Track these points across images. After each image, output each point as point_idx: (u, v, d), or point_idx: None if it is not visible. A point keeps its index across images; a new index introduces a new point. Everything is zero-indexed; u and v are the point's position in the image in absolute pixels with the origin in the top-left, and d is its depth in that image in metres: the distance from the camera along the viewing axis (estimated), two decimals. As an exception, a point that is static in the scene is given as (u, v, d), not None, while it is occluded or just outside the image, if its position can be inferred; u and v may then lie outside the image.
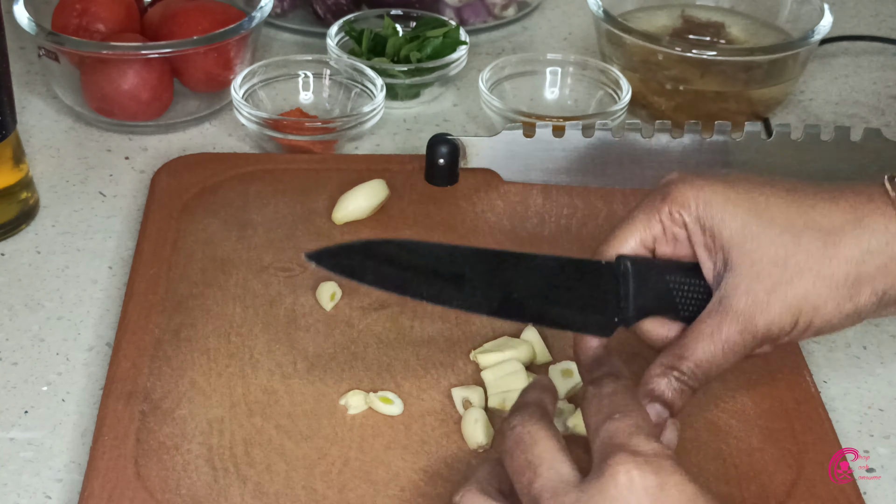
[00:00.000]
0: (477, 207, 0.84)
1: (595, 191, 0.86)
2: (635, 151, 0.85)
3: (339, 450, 0.64)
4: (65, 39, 0.89)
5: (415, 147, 0.93)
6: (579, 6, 1.14)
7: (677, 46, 0.93)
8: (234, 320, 0.73)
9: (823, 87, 1.04)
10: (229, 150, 0.92)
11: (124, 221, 0.84)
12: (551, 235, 0.81)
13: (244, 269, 0.77)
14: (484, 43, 1.08)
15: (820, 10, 0.96)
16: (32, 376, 0.71)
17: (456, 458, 0.64)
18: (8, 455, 0.66)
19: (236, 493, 0.62)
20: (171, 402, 0.67)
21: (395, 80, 0.95)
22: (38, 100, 0.97)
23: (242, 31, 0.92)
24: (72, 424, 0.68)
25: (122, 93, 0.90)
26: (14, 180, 0.81)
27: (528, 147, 0.84)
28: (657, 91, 0.95)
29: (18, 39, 1.02)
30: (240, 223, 0.81)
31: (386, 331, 0.72)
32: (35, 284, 0.78)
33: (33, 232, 0.83)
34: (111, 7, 0.93)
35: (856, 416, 0.70)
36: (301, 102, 0.95)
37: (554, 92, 0.97)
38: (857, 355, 0.75)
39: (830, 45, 1.09)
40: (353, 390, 0.67)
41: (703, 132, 0.84)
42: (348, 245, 0.61)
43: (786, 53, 0.94)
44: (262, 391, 0.68)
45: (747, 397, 0.68)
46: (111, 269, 0.79)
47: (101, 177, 0.88)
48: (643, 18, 1.01)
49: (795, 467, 0.64)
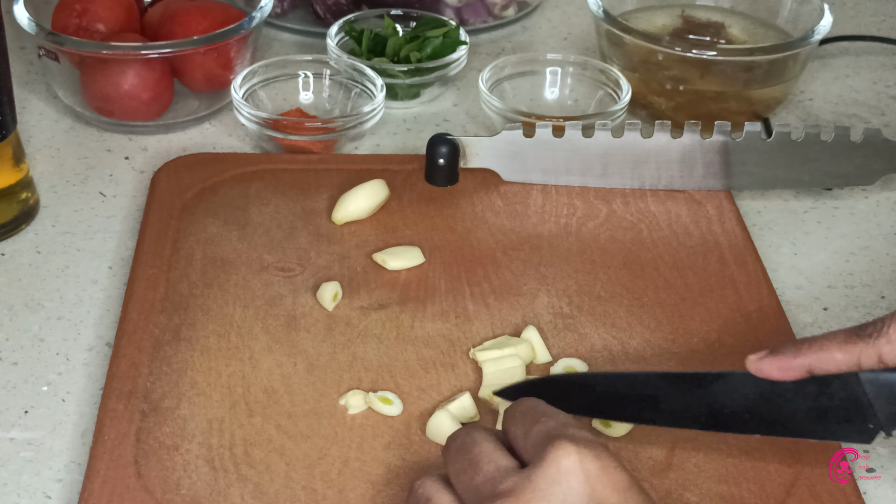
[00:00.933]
0: (477, 207, 0.84)
1: (595, 191, 0.86)
2: (635, 151, 0.85)
3: (339, 450, 0.64)
4: (65, 39, 0.89)
5: (415, 147, 0.93)
6: (579, 6, 1.14)
7: (677, 46, 0.93)
8: (234, 320, 0.73)
9: (823, 87, 1.04)
10: (229, 150, 0.92)
11: (124, 221, 0.84)
12: (551, 235, 0.81)
13: (244, 269, 0.77)
14: (484, 43, 1.08)
15: (820, 10, 0.96)
16: (32, 376, 0.71)
17: (456, 458, 0.64)
18: (8, 455, 0.66)
19: (236, 493, 0.62)
20: (171, 402, 0.67)
21: (395, 80, 0.95)
22: (38, 100, 0.97)
23: (242, 31, 0.92)
24: (72, 424, 0.68)
25: (122, 93, 0.90)
26: (14, 180, 0.81)
27: (528, 147, 0.84)
28: (657, 91, 0.95)
29: (18, 39, 1.02)
30: (240, 223, 0.81)
31: (386, 331, 0.72)
32: (35, 284, 0.78)
33: (33, 232, 0.83)
34: (111, 7, 0.93)
35: (856, 416, 0.70)
36: (301, 102, 0.95)
37: (554, 92, 0.97)
38: (857, 355, 0.75)
39: (830, 45, 1.09)
40: (353, 390, 0.67)
41: (703, 132, 0.84)
42: (534, 381, 0.65)
43: (786, 53, 0.94)
44: (262, 391, 0.68)
45: (747, 397, 0.68)
46: (111, 269, 0.79)
47: (101, 177, 0.88)
48: (643, 18, 1.01)
49: (795, 467, 0.64)
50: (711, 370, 0.66)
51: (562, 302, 0.75)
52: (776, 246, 0.84)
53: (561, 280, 0.77)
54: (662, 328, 0.73)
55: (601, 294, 0.76)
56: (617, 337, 0.73)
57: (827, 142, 0.84)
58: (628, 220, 0.83)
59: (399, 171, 0.86)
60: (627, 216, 0.83)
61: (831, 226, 0.86)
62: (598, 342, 0.72)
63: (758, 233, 0.85)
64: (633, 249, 0.80)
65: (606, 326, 0.73)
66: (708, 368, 0.70)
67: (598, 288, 0.77)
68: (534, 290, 0.76)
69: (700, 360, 0.71)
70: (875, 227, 0.86)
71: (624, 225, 0.82)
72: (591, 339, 0.72)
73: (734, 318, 0.74)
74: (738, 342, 0.72)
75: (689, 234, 0.82)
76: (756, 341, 0.72)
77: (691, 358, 0.71)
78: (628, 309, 0.75)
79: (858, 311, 0.78)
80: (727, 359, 0.71)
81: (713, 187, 0.86)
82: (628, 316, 0.74)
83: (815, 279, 0.81)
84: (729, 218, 0.83)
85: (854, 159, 0.85)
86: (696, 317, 0.74)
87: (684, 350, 0.72)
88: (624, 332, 0.73)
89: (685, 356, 0.71)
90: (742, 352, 0.71)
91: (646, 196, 0.85)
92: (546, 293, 0.76)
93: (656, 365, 0.70)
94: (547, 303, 0.75)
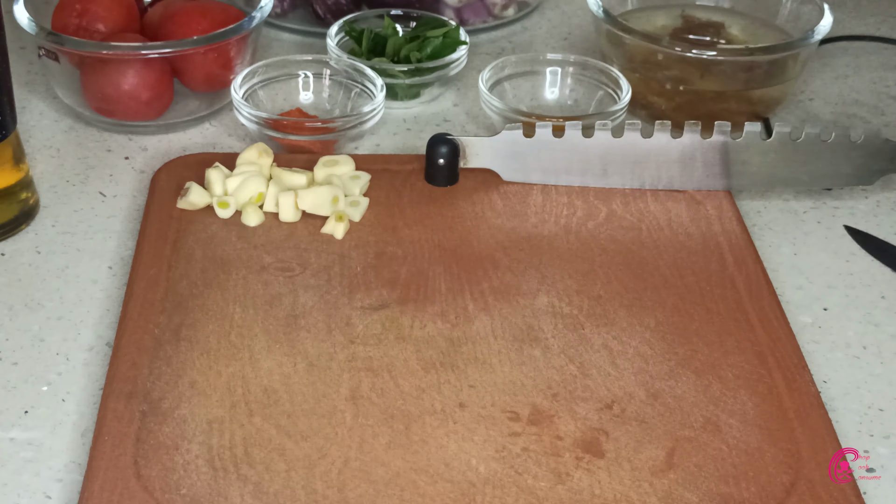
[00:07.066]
0: (477, 207, 0.84)
1: (595, 191, 0.86)
2: (635, 151, 0.85)
3: (339, 450, 0.64)
4: (65, 39, 0.89)
5: (415, 147, 0.93)
6: (579, 6, 1.14)
7: (677, 46, 0.93)
8: (234, 320, 0.73)
9: (823, 87, 1.04)
10: (229, 150, 0.92)
11: (124, 221, 0.84)
12: (551, 235, 0.81)
13: (244, 269, 0.77)
14: (484, 43, 1.08)
15: (820, 10, 0.96)
16: (32, 376, 0.71)
17: (456, 458, 0.64)
18: (8, 455, 0.66)
19: (236, 493, 0.62)
20: (171, 402, 0.67)
21: (396, 80, 0.95)
22: (38, 100, 0.97)
23: (242, 31, 0.92)
24: (72, 424, 0.68)
25: (122, 93, 0.90)
26: (14, 180, 0.81)
27: (528, 147, 0.84)
28: (657, 91, 0.95)
29: (18, 39, 1.02)
30: (239, 223, 0.81)
31: (386, 331, 0.72)
32: (35, 284, 0.78)
33: (33, 232, 0.83)
34: (111, 7, 0.93)
35: (856, 416, 0.70)
36: (301, 102, 0.95)
37: (554, 92, 0.97)
38: (857, 355, 0.75)
39: (830, 45, 1.09)
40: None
41: (703, 132, 0.84)
42: None
43: (786, 53, 0.94)
44: (262, 391, 0.68)
45: (747, 397, 0.68)
46: (111, 269, 0.79)
47: (101, 177, 0.88)
48: (643, 18, 1.01)
49: (795, 467, 0.64)
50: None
51: (562, 302, 0.75)
52: (776, 246, 0.84)
53: (561, 280, 0.77)
54: (662, 328, 0.73)
55: (601, 294, 0.76)
56: (617, 337, 0.73)
57: (827, 142, 0.84)
58: (628, 220, 0.83)
59: (399, 171, 0.86)
60: (627, 216, 0.83)
61: (831, 226, 0.86)
62: (597, 342, 0.72)
63: (758, 233, 0.85)
64: (633, 249, 0.80)
65: (606, 326, 0.73)
66: (708, 369, 0.70)
67: (598, 288, 0.77)
68: (534, 290, 0.76)
69: (700, 360, 0.71)
70: (875, 227, 0.86)
71: (624, 225, 0.82)
72: (591, 339, 0.72)
73: (734, 318, 0.74)
74: (738, 342, 0.72)
75: (689, 234, 0.82)
76: (756, 341, 0.72)
77: (691, 358, 0.71)
78: (628, 309, 0.75)
79: (858, 311, 0.78)
80: (727, 359, 0.71)
81: (713, 187, 0.86)
82: (628, 316, 0.74)
83: (815, 279, 0.81)
84: (729, 218, 0.83)
85: (854, 159, 0.85)
86: (696, 317, 0.74)
87: (684, 350, 0.72)
88: (624, 332, 0.73)
89: (685, 356, 0.71)
90: (742, 352, 0.72)
91: (646, 196, 0.85)
92: (546, 293, 0.76)
93: (656, 365, 0.71)
94: (547, 303, 0.75)
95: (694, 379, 0.70)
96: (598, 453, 0.65)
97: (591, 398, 0.68)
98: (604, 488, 0.63)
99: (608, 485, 0.63)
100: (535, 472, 0.63)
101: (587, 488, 0.62)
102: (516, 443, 0.65)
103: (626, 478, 0.63)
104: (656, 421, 0.67)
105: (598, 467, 0.64)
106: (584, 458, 0.64)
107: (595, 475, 0.63)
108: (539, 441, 0.65)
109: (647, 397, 0.68)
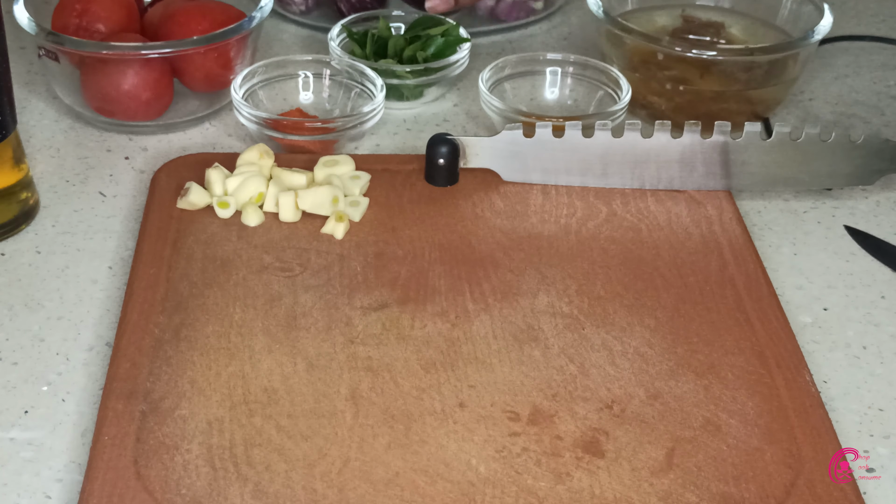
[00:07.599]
0: (477, 207, 0.84)
1: (595, 191, 0.86)
2: (635, 151, 0.85)
3: (339, 450, 0.64)
4: (65, 39, 0.89)
5: (415, 147, 0.93)
6: (579, 6, 1.14)
7: (677, 46, 0.93)
8: (233, 320, 0.73)
9: (823, 87, 1.04)
10: (229, 150, 0.92)
11: (124, 221, 0.84)
12: (551, 235, 0.81)
13: (244, 269, 0.77)
14: (484, 43, 1.08)
15: (820, 10, 0.96)
16: (32, 376, 0.71)
17: (456, 458, 0.64)
18: (8, 455, 0.66)
19: (236, 493, 0.62)
20: (171, 402, 0.67)
21: (402, 81, 0.95)
22: (38, 100, 0.97)
23: (242, 31, 0.92)
24: (72, 424, 0.68)
25: (122, 93, 0.90)
26: (14, 180, 0.81)
27: (528, 147, 0.84)
28: (657, 91, 0.95)
29: (18, 39, 1.02)
30: (239, 223, 0.81)
31: (386, 331, 0.72)
32: (35, 284, 0.78)
33: (33, 232, 0.83)
34: (111, 7, 0.93)
35: (856, 416, 0.70)
36: (301, 102, 0.95)
37: (554, 92, 0.97)
38: (857, 355, 0.75)
39: (830, 45, 1.09)
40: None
41: (703, 132, 0.84)
42: None
43: (786, 53, 0.94)
44: (262, 391, 0.68)
45: (747, 397, 0.68)
46: (111, 269, 0.79)
47: (101, 177, 0.88)
48: (643, 18, 1.01)
49: (795, 467, 0.64)
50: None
51: (562, 302, 0.75)
52: (776, 246, 0.84)
53: (561, 280, 0.77)
54: (662, 328, 0.73)
55: (601, 294, 0.76)
56: (617, 337, 0.73)
57: (827, 142, 0.84)
58: (628, 220, 0.83)
59: (399, 171, 0.86)
60: (627, 216, 0.83)
61: (831, 226, 0.86)
62: (597, 342, 0.72)
63: (758, 233, 0.85)
64: (633, 249, 0.80)
65: (606, 326, 0.73)
66: (708, 369, 0.70)
67: (598, 288, 0.77)
68: (534, 290, 0.76)
69: (700, 360, 0.71)
70: (875, 227, 0.86)
71: (624, 225, 0.82)
72: (591, 338, 0.72)
73: (734, 318, 0.74)
74: (738, 342, 0.72)
75: (689, 234, 0.82)
76: (756, 341, 0.72)
77: (691, 358, 0.71)
78: (628, 309, 0.75)
79: (858, 311, 0.78)
80: (727, 359, 0.71)
81: (713, 187, 0.86)
82: (628, 316, 0.74)
83: (814, 279, 0.81)
84: (729, 218, 0.83)
85: (854, 159, 0.85)
86: (696, 317, 0.74)
87: (684, 350, 0.72)
88: (624, 332, 0.73)
89: (685, 356, 0.71)
90: (742, 352, 0.72)
91: (646, 196, 0.85)
92: (546, 293, 0.76)
93: (656, 365, 0.71)
94: (547, 303, 0.75)
95: (694, 379, 0.70)
96: (598, 453, 0.65)
97: (591, 398, 0.68)
98: (604, 488, 0.63)
99: (608, 485, 0.63)
100: (535, 472, 0.63)
101: (587, 488, 0.62)
102: (516, 443, 0.65)
103: (626, 478, 0.63)
104: (656, 421, 0.67)
105: (598, 467, 0.64)
106: (584, 458, 0.64)
107: (595, 475, 0.63)
108: (539, 441, 0.65)
109: (647, 397, 0.68)
